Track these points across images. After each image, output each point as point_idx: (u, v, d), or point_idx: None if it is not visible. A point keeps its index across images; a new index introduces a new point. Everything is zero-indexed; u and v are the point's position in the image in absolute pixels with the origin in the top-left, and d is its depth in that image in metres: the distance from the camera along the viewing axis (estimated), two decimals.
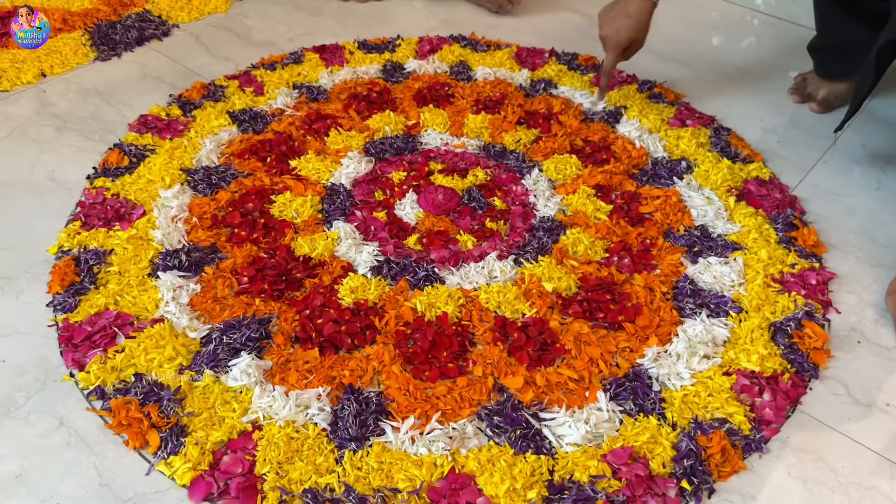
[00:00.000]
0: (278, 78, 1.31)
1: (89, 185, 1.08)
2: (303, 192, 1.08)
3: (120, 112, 1.23)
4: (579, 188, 1.11)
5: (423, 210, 1.07)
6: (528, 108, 1.28)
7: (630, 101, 1.28)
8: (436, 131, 1.22)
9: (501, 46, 1.44)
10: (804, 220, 1.07)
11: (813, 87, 1.29)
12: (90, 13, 1.44)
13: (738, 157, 1.17)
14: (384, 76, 1.35)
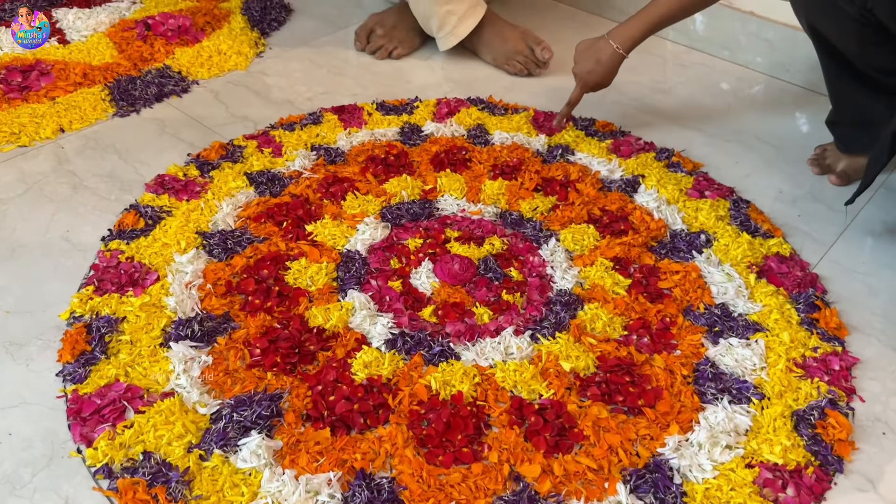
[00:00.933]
0: (297, 139, 1.31)
1: (104, 247, 1.07)
2: (318, 259, 1.07)
3: (137, 170, 1.23)
4: (597, 260, 1.10)
5: (439, 280, 1.06)
6: (546, 174, 1.27)
7: (648, 169, 1.28)
8: (452, 197, 1.22)
9: (518, 110, 1.44)
10: (826, 300, 1.05)
11: (832, 160, 1.29)
12: (111, 68, 1.46)
13: (758, 232, 1.16)
14: (402, 138, 1.35)
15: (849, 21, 1.05)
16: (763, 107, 1.47)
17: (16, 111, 1.33)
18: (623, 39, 1.26)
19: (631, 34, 1.25)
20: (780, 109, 1.47)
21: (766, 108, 1.47)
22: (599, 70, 1.28)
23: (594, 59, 1.28)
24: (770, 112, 1.46)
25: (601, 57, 1.27)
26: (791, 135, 1.39)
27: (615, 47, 1.26)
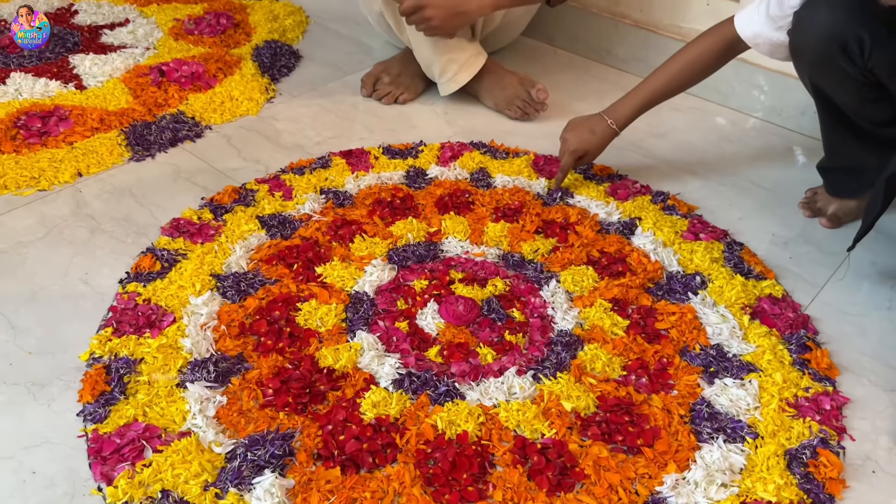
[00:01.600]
0: (306, 183, 1.36)
1: (121, 289, 1.11)
2: (328, 301, 1.11)
3: (153, 214, 1.27)
4: (596, 301, 1.14)
5: (444, 321, 1.10)
6: (546, 217, 1.32)
7: (644, 212, 1.33)
8: (456, 239, 1.26)
9: (519, 154, 1.49)
10: (817, 340, 1.09)
11: (823, 203, 1.33)
12: (126, 113, 1.51)
13: (752, 274, 1.20)
14: (407, 182, 1.40)
15: (849, 80, 1.11)
16: (756, 151, 1.53)
17: (35, 156, 1.38)
18: (618, 117, 1.32)
19: (625, 112, 1.32)
20: (773, 153, 1.52)
21: (759, 151, 1.52)
22: (592, 140, 1.33)
23: (588, 129, 1.33)
24: (762, 156, 1.51)
25: (595, 129, 1.33)
26: (783, 178, 1.44)
27: (609, 122, 1.32)
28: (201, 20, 1.86)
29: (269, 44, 1.79)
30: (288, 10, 1.97)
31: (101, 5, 1.93)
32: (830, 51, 1.08)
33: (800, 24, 1.11)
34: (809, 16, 1.09)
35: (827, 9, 1.06)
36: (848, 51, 1.07)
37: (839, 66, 1.09)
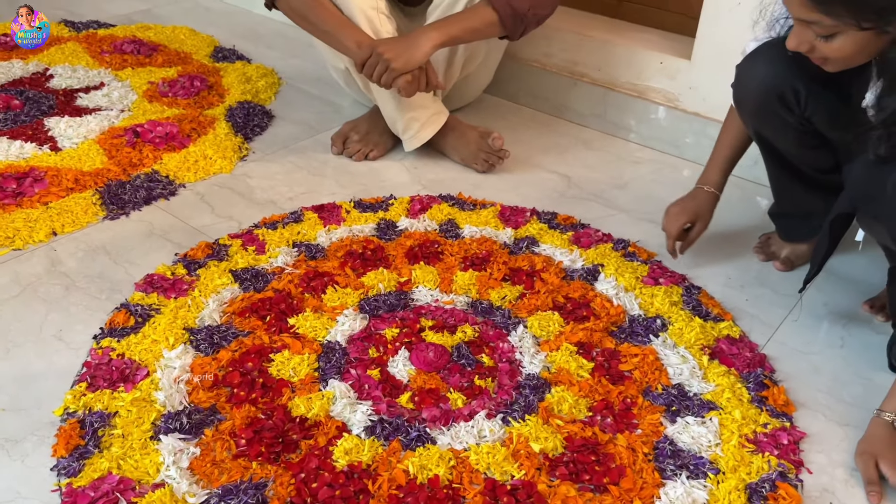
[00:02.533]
0: (279, 237, 1.39)
1: (95, 345, 1.13)
2: (300, 351, 1.14)
3: (127, 271, 1.30)
4: (562, 345, 1.18)
5: (415, 367, 1.13)
6: (513, 265, 1.36)
7: (606, 259, 1.38)
8: (426, 288, 1.30)
9: (486, 205, 1.54)
10: (774, 378, 1.13)
11: (776, 247, 1.40)
12: (101, 173, 1.54)
13: (710, 316, 1.25)
14: (378, 234, 1.44)
15: (789, 128, 1.19)
16: None
17: (10, 216, 1.40)
18: (711, 181, 1.33)
19: (714, 175, 1.33)
20: (727, 200, 1.57)
21: None
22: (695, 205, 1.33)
23: (689, 198, 1.34)
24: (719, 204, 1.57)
25: (696, 196, 1.34)
26: (738, 224, 1.50)
27: (706, 188, 1.33)
28: (175, 83, 1.92)
29: (243, 104, 1.84)
30: (261, 72, 2.03)
31: (76, 69, 1.98)
32: (769, 101, 1.15)
33: (741, 77, 1.19)
34: (749, 69, 1.17)
35: (765, 62, 1.14)
36: (785, 101, 1.14)
37: (779, 116, 1.17)
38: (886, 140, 0.93)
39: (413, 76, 1.52)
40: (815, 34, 0.95)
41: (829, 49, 0.96)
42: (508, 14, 1.52)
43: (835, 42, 0.94)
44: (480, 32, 1.56)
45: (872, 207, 1.01)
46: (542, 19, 1.58)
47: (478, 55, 1.72)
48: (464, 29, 1.53)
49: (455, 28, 1.52)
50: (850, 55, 0.95)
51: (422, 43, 1.50)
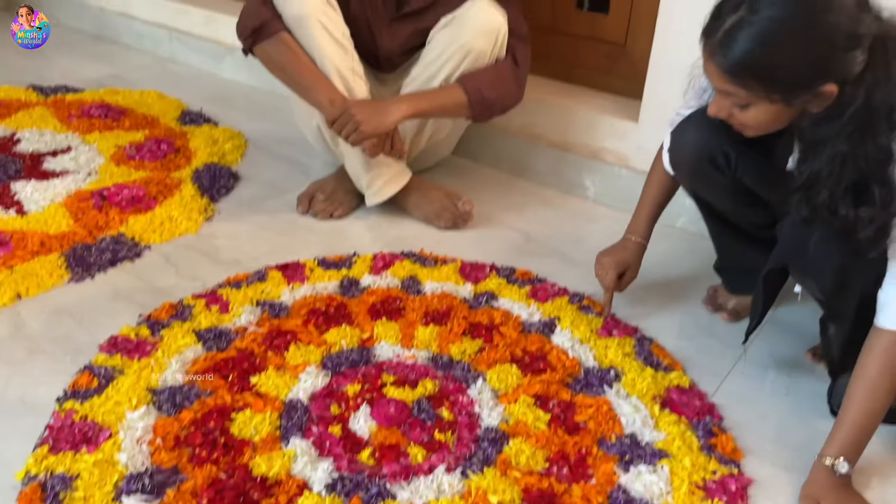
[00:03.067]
0: (243, 296, 1.42)
1: (59, 407, 1.14)
2: (262, 409, 1.16)
3: (91, 333, 1.31)
4: (520, 397, 1.21)
5: (376, 423, 1.15)
6: (472, 319, 1.41)
7: (562, 312, 1.43)
8: (388, 344, 1.33)
9: (447, 261, 1.59)
10: (722, 426, 1.18)
11: (723, 299, 1.46)
12: (67, 236, 1.56)
13: (661, 366, 1.30)
14: (341, 291, 1.47)
15: (723, 189, 1.26)
16: (662, 253, 1.66)
17: None
18: (638, 231, 1.39)
19: (641, 226, 1.39)
20: (677, 254, 1.66)
21: (665, 253, 1.65)
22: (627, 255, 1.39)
23: (620, 248, 1.40)
24: (668, 257, 1.64)
25: (626, 246, 1.40)
26: (687, 277, 1.57)
27: (634, 239, 1.39)
28: (142, 146, 1.96)
29: (209, 166, 1.88)
30: (227, 134, 2.08)
31: (43, 133, 2.01)
32: (702, 164, 1.23)
33: (675, 143, 1.27)
34: (682, 135, 1.25)
35: (695, 129, 1.23)
36: (717, 164, 1.22)
37: (712, 178, 1.24)
38: (806, 202, 1.00)
39: (379, 140, 1.60)
40: (732, 103, 1.03)
41: (746, 117, 1.03)
42: (478, 100, 1.62)
43: (749, 111, 1.02)
44: (449, 112, 1.66)
45: (800, 264, 1.08)
46: (507, 108, 1.69)
47: (444, 128, 1.80)
48: (434, 106, 1.62)
49: (426, 104, 1.61)
50: (764, 123, 1.04)
51: (392, 111, 1.57)
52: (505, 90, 1.65)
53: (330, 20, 1.59)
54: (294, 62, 1.59)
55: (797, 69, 0.94)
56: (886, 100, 0.94)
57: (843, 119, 0.95)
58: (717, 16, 0.98)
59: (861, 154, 0.94)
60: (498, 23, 1.59)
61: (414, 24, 1.69)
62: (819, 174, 0.98)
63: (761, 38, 0.93)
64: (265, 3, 1.59)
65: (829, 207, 0.99)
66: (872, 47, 0.93)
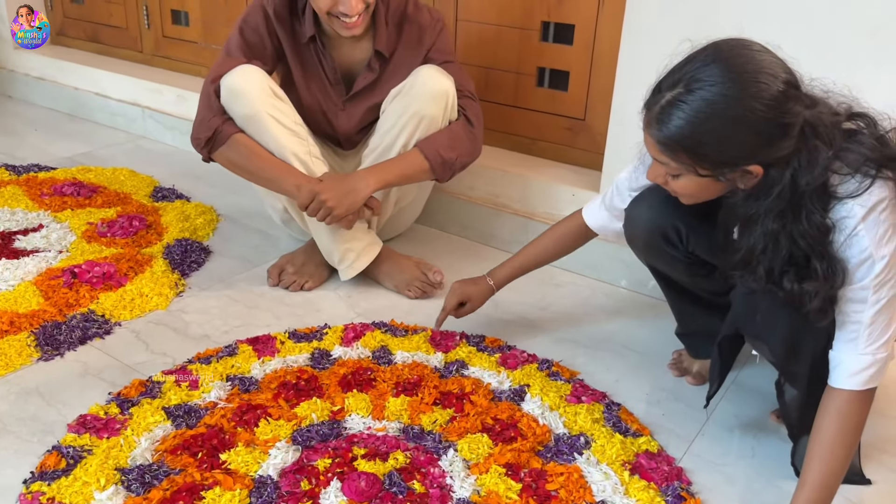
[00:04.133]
0: (213, 371, 1.42)
1: (25, 489, 1.12)
2: (231, 487, 1.15)
3: (59, 412, 1.30)
4: (491, 467, 1.22)
5: (347, 498, 1.15)
6: (443, 388, 1.42)
7: (532, 379, 1.45)
8: (359, 416, 1.34)
9: (418, 331, 1.61)
10: (690, 491, 1.19)
11: (688, 363, 1.49)
12: (37, 314, 1.56)
13: (629, 432, 1.32)
14: (312, 363, 1.48)
15: (677, 261, 1.31)
16: (628, 318, 1.70)
17: None
18: (496, 278, 1.54)
19: (502, 275, 1.54)
20: (643, 320, 1.69)
21: (631, 319, 1.69)
22: (474, 291, 1.54)
23: (472, 282, 1.55)
24: (634, 323, 1.68)
25: (478, 282, 1.54)
26: (653, 342, 1.60)
27: (489, 280, 1.54)
28: (114, 223, 1.97)
29: (180, 242, 1.90)
30: (199, 209, 2.11)
31: (14, 212, 2.02)
32: (655, 240, 1.29)
33: (629, 220, 1.33)
34: (634, 212, 1.31)
35: (646, 206, 1.28)
36: (669, 239, 1.27)
37: (666, 252, 1.29)
38: (749, 275, 1.05)
39: (354, 216, 1.64)
40: (666, 172, 1.08)
41: (677, 186, 1.09)
42: (439, 163, 1.67)
43: (680, 181, 1.08)
44: (413, 178, 1.70)
45: (751, 331, 1.12)
46: (466, 165, 1.74)
47: (410, 193, 1.85)
48: (398, 175, 1.67)
49: (390, 174, 1.66)
50: (695, 193, 1.09)
51: (360, 188, 1.62)
52: (463, 149, 1.70)
53: (279, 111, 1.64)
54: (254, 159, 1.63)
55: (723, 150, 1.00)
56: (811, 182, 0.98)
57: (770, 199, 1.00)
58: (657, 90, 1.04)
59: (795, 231, 0.99)
60: (446, 86, 1.65)
61: (366, 101, 1.77)
62: (754, 249, 1.03)
63: (692, 118, 0.98)
64: (213, 111, 1.63)
65: (772, 280, 1.03)
66: (802, 132, 0.98)
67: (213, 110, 1.63)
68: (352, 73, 1.77)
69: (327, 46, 1.73)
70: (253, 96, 1.60)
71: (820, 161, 0.97)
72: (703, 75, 0.98)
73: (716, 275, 1.27)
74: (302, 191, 1.60)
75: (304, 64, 1.75)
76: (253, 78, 1.62)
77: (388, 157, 1.68)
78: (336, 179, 1.64)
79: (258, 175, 1.65)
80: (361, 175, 1.64)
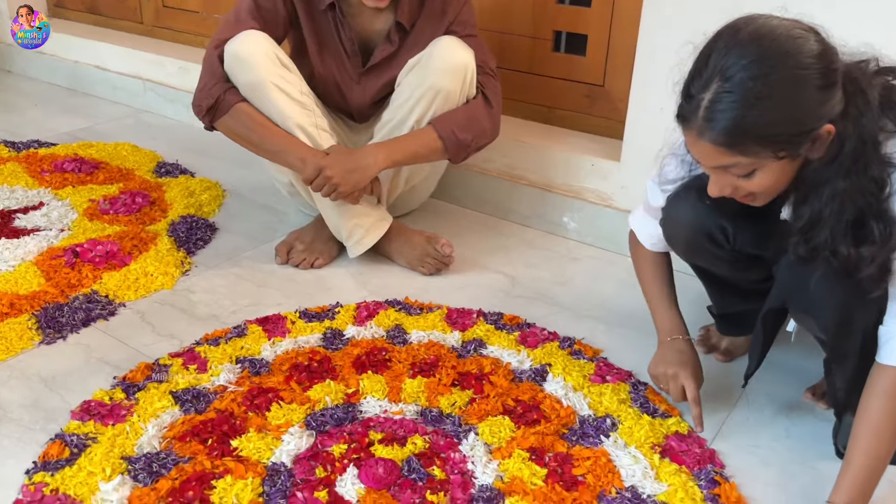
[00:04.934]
0: (221, 353, 1.37)
1: (28, 480, 1.07)
2: (243, 475, 1.10)
3: (63, 398, 1.25)
4: (514, 452, 1.16)
5: (365, 486, 1.10)
6: (461, 369, 1.36)
7: (553, 358, 1.39)
8: (375, 398, 1.28)
9: (433, 309, 1.55)
10: (724, 474, 1.13)
11: (716, 339, 1.43)
12: (38, 296, 1.51)
13: (658, 412, 1.26)
14: (325, 344, 1.43)
15: (721, 260, 1.23)
16: None
17: None
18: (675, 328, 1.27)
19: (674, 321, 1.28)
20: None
21: None
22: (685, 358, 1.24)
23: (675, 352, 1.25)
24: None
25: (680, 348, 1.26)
26: None
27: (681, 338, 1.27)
28: (116, 200, 1.91)
29: (185, 218, 1.84)
30: (204, 185, 2.04)
31: (14, 190, 1.96)
32: (698, 241, 1.21)
33: (668, 219, 1.24)
34: (674, 211, 1.22)
35: (688, 205, 1.19)
36: (714, 239, 1.20)
37: (709, 252, 1.22)
38: (805, 243, 0.98)
39: (359, 193, 1.57)
40: (735, 176, 0.98)
41: (752, 185, 0.98)
42: (453, 143, 1.60)
43: (755, 178, 0.97)
44: (425, 157, 1.63)
45: (801, 304, 1.05)
46: (481, 147, 1.67)
47: (421, 171, 1.77)
48: (409, 154, 1.60)
49: (401, 153, 1.59)
50: (773, 185, 0.99)
51: (368, 165, 1.55)
52: (479, 129, 1.63)
53: (286, 81, 1.56)
54: (257, 129, 1.56)
55: (793, 117, 0.92)
56: (872, 129, 0.93)
57: (842, 156, 0.93)
58: (688, 97, 0.96)
59: (858, 188, 0.93)
60: (465, 60, 1.57)
61: (382, 75, 1.68)
62: (820, 214, 0.96)
63: (747, 101, 0.90)
64: (216, 78, 1.56)
65: (829, 247, 0.96)
66: (843, 82, 0.93)
67: (215, 77, 1.56)
68: (369, 45, 1.68)
69: (346, 15, 1.64)
70: (258, 64, 1.53)
71: (871, 109, 0.92)
72: (731, 61, 0.91)
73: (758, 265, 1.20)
74: (307, 165, 1.53)
75: (320, 32, 1.67)
76: (258, 45, 1.54)
77: (401, 133, 1.60)
78: (343, 154, 1.57)
79: (261, 147, 1.59)
80: (370, 151, 1.57)
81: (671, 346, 1.27)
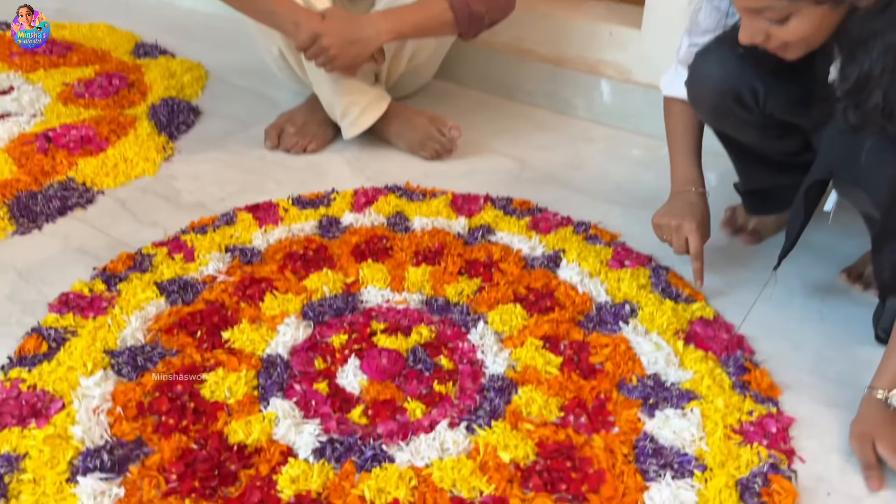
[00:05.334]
0: (210, 242, 1.27)
1: (3, 376, 1.00)
2: (236, 368, 1.02)
3: (39, 290, 1.16)
4: (527, 340, 1.08)
5: (367, 377, 1.02)
6: (468, 256, 1.27)
7: (567, 244, 1.29)
8: (376, 288, 1.19)
9: (437, 194, 1.44)
10: (754, 360, 1.06)
11: (743, 220, 1.33)
12: (10, 184, 1.39)
13: (680, 297, 1.17)
14: (320, 232, 1.33)
15: (750, 126, 1.11)
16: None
17: None
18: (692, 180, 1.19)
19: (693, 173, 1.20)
20: None
21: None
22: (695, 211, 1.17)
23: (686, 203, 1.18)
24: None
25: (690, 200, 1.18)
26: None
27: (692, 189, 1.18)
28: (92, 83, 1.77)
29: (166, 101, 1.70)
30: (185, 66, 1.89)
31: None
32: (726, 103, 1.08)
33: (694, 78, 1.11)
34: (701, 69, 1.09)
35: (717, 62, 1.07)
36: (743, 101, 1.07)
37: (737, 116, 1.09)
38: (854, 109, 0.87)
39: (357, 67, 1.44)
40: (767, 20, 0.88)
41: (786, 33, 0.89)
42: (465, 16, 1.45)
43: (790, 24, 0.87)
44: (433, 31, 1.49)
45: (850, 176, 0.94)
46: (496, 22, 1.52)
47: (426, 48, 1.62)
48: (416, 26, 1.46)
49: (407, 25, 1.44)
50: (809, 35, 0.89)
51: (370, 37, 1.41)
52: (494, 2, 1.47)
53: None
54: None
55: None
56: None
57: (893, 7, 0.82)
58: None
59: None
60: None
61: None
62: (871, 73, 0.85)
63: None
64: None
65: (882, 111, 0.86)
66: None
67: None
68: None
69: None
70: None
71: None
72: None
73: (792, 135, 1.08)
74: (301, 30, 1.38)
75: None
76: None
77: (406, 1, 1.44)
78: (342, 22, 1.41)
79: (252, 6, 1.43)
80: (373, 21, 1.42)
81: (682, 196, 1.19)
